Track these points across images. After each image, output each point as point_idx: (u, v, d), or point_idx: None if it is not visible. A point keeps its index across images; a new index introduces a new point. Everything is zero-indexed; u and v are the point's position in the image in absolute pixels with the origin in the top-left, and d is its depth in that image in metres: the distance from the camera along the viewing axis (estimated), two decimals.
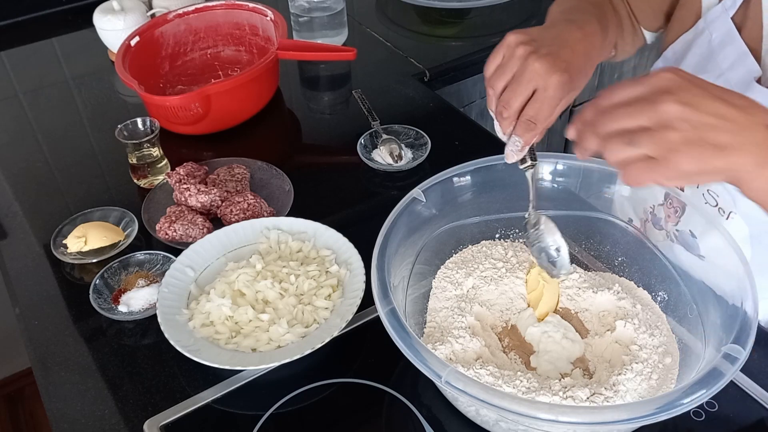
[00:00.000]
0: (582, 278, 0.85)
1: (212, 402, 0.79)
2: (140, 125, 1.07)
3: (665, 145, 0.53)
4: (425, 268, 0.85)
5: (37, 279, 0.96)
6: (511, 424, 0.68)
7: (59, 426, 0.78)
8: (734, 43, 0.78)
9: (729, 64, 0.78)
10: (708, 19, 0.81)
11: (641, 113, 0.54)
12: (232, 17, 1.34)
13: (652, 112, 0.54)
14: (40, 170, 1.16)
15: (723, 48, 0.79)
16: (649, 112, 0.54)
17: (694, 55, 0.83)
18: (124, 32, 1.31)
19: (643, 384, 0.70)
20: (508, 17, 1.55)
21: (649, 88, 0.55)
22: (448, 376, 0.62)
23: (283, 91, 1.33)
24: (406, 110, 1.26)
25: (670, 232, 0.83)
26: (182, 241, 0.96)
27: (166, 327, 0.80)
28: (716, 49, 0.80)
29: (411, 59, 1.40)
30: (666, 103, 0.53)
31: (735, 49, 0.78)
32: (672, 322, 0.79)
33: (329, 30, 1.41)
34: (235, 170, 1.07)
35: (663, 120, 0.53)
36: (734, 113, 0.53)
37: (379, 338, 0.72)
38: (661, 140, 0.53)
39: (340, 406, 0.79)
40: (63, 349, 0.86)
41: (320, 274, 0.88)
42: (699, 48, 0.82)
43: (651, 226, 0.86)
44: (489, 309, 0.82)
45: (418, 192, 0.81)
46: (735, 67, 0.78)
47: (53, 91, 1.36)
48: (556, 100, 0.70)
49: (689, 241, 0.80)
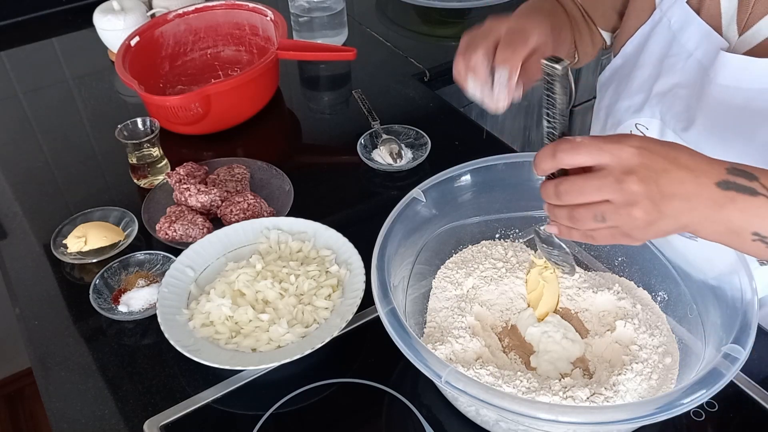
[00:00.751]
0: (582, 278, 0.85)
1: (212, 402, 0.79)
2: (140, 125, 1.07)
3: (631, 222, 0.58)
4: (425, 268, 0.85)
5: (37, 279, 0.96)
6: (511, 424, 0.69)
7: (59, 426, 0.78)
8: (694, 24, 0.81)
9: (694, 44, 0.82)
10: (663, 8, 0.84)
11: (607, 191, 0.58)
12: (232, 17, 1.34)
13: (618, 192, 0.57)
14: (40, 170, 1.16)
15: (684, 31, 0.82)
16: (615, 193, 0.57)
17: (656, 43, 0.86)
18: (124, 32, 1.31)
19: (643, 384, 0.70)
20: None
21: (614, 164, 0.57)
22: (448, 376, 0.62)
23: (283, 91, 1.33)
24: (406, 110, 1.26)
25: None
26: (182, 241, 0.96)
27: (166, 327, 0.80)
28: (677, 33, 0.83)
29: (411, 59, 1.40)
30: (631, 183, 0.57)
31: (697, 29, 0.81)
32: (672, 322, 0.79)
33: (329, 30, 1.41)
34: (235, 170, 1.07)
35: (628, 199, 0.57)
36: (687, 180, 0.58)
37: (379, 338, 0.72)
38: (628, 217, 0.58)
39: (340, 406, 0.79)
40: (63, 349, 0.86)
41: (320, 274, 0.88)
42: (659, 36, 0.86)
43: None
44: (489, 309, 0.82)
45: (418, 192, 0.81)
46: (701, 45, 0.81)
47: (53, 91, 1.36)
48: (527, 32, 0.73)
49: None
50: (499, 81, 0.72)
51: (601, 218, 0.59)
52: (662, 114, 0.87)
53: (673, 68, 0.85)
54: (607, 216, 0.58)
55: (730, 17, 0.79)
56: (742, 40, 0.78)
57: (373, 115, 1.18)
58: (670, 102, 0.86)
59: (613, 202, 0.58)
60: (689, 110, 0.83)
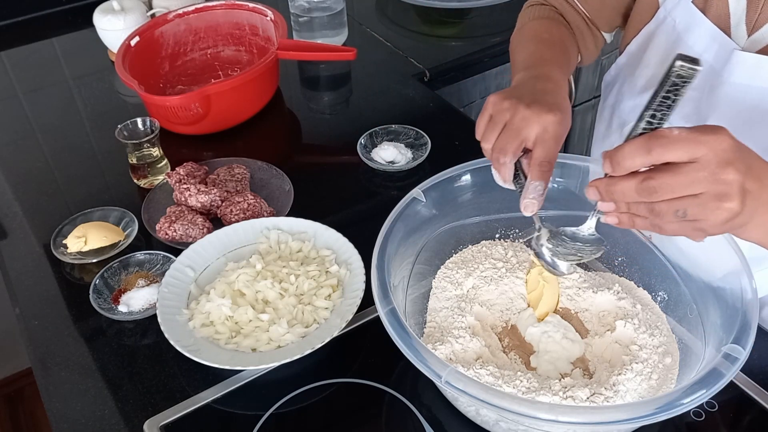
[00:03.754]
0: (582, 278, 0.85)
1: (212, 402, 0.79)
2: (140, 125, 1.07)
3: (715, 217, 0.57)
4: (425, 268, 0.85)
5: (37, 279, 0.96)
6: (511, 424, 0.69)
7: (59, 426, 0.78)
8: (702, 25, 0.80)
9: (702, 47, 0.81)
10: (668, 7, 0.84)
11: (701, 185, 0.56)
12: (232, 17, 1.34)
13: (713, 184, 0.55)
14: (40, 170, 1.16)
15: (690, 32, 0.82)
16: (709, 185, 0.55)
17: (660, 42, 0.86)
18: (124, 32, 1.31)
19: (643, 384, 0.70)
20: (508, 17, 1.55)
21: (711, 156, 0.55)
22: (448, 376, 0.62)
23: (283, 91, 1.33)
24: (406, 110, 1.26)
25: None
26: (182, 241, 0.96)
27: (166, 327, 0.80)
28: (682, 33, 0.82)
29: (411, 59, 1.40)
30: (729, 173, 0.55)
31: (704, 31, 0.80)
32: (672, 322, 0.79)
33: (329, 30, 1.41)
34: (235, 170, 1.07)
35: (722, 191, 0.56)
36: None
37: (379, 338, 0.72)
38: (716, 210, 0.56)
39: (340, 406, 0.79)
40: (63, 349, 0.86)
41: (320, 274, 0.88)
42: (664, 35, 0.85)
43: None
44: (489, 309, 0.82)
45: (418, 192, 0.81)
46: (709, 47, 0.80)
47: (53, 91, 1.36)
48: (559, 138, 0.72)
49: None
50: (533, 193, 0.71)
51: (683, 213, 0.57)
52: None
53: None
54: (690, 211, 0.56)
55: (739, 18, 0.78)
56: (752, 40, 0.78)
57: None
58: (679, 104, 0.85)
59: (704, 195, 0.56)
60: (699, 112, 0.83)
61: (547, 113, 0.71)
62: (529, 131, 0.70)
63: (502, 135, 0.72)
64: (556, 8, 0.97)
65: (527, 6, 1.00)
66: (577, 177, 0.86)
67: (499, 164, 0.72)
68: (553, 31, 0.92)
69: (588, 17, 0.96)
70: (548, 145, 0.71)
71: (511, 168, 0.72)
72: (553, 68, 0.82)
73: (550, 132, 0.71)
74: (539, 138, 0.71)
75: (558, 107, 0.72)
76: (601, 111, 1.02)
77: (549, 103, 0.72)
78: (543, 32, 0.92)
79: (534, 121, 0.70)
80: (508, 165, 0.72)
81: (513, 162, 0.72)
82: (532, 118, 0.70)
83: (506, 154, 0.71)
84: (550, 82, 0.78)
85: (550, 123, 0.71)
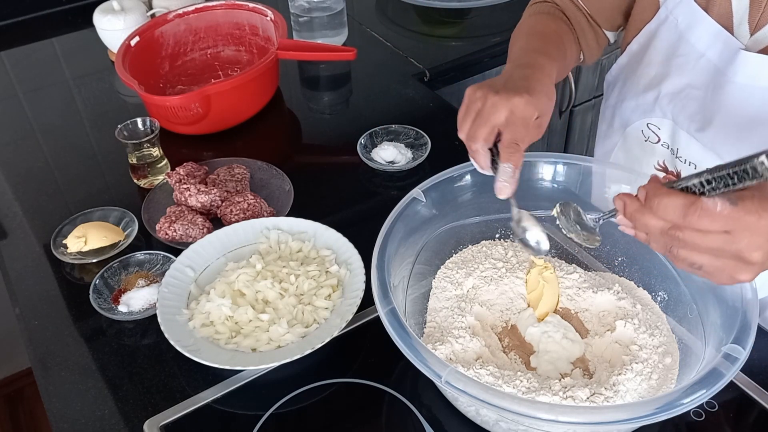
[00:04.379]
0: (582, 278, 0.85)
1: (212, 402, 0.79)
2: (140, 125, 1.07)
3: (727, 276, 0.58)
4: (425, 268, 0.85)
5: (37, 279, 0.96)
6: (511, 424, 0.69)
7: (59, 426, 0.78)
8: (704, 23, 0.80)
9: (705, 45, 0.81)
10: (669, 6, 0.84)
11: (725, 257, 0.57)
12: (232, 17, 1.34)
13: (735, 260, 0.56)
14: (40, 170, 1.16)
15: (692, 30, 0.82)
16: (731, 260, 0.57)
17: (662, 41, 0.86)
18: (124, 32, 1.31)
19: (643, 384, 0.70)
20: (508, 17, 1.55)
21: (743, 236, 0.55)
22: (448, 376, 0.62)
23: (283, 91, 1.33)
24: (406, 110, 1.26)
25: None
26: (182, 241, 0.96)
27: (166, 327, 0.80)
28: (685, 32, 0.82)
29: (411, 59, 1.40)
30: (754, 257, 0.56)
31: (706, 29, 0.80)
32: (672, 322, 0.79)
33: (329, 30, 1.41)
34: (235, 170, 1.07)
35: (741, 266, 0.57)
36: None
37: (379, 338, 0.72)
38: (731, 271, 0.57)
39: (340, 406, 0.79)
40: (63, 349, 0.86)
41: (320, 274, 0.88)
42: (666, 34, 0.85)
43: None
44: (489, 309, 0.82)
45: (418, 192, 0.81)
46: (712, 45, 0.80)
47: (53, 91, 1.36)
48: (527, 120, 0.73)
49: None
50: (503, 175, 0.72)
51: (698, 267, 0.58)
52: (674, 115, 0.87)
53: (682, 68, 0.84)
54: (706, 268, 0.58)
55: (741, 16, 0.78)
56: (755, 39, 0.78)
57: None
58: (683, 103, 0.85)
59: (724, 261, 0.57)
60: (704, 111, 0.83)
61: (514, 96, 0.72)
62: (498, 116, 0.72)
63: (473, 122, 0.73)
64: (557, 5, 0.97)
65: (530, 4, 1.00)
66: (576, 177, 0.86)
67: (473, 152, 0.74)
68: (548, 24, 0.93)
69: (589, 14, 0.96)
70: (515, 127, 0.72)
71: (484, 154, 0.74)
72: (539, 56, 0.82)
73: (517, 114, 0.72)
74: (507, 121, 0.72)
75: (526, 89, 0.73)
76: (603, 111, 1.02)
77: (518, 86, 0.74)
78: (537, 26, 0.92)
79: (502, 105, 0.72)
80: (480, 152, 0.74)
81: (485, 148, 0.73)
82: (500, 103, 0.72)
83: (476, 141, 0.73)
84: (528, 69, 0.79)
85: (517, 105, 0.72)
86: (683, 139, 0.86)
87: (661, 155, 0.91)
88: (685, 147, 0.86)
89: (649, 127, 0.90)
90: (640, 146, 0.94)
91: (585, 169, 0.85)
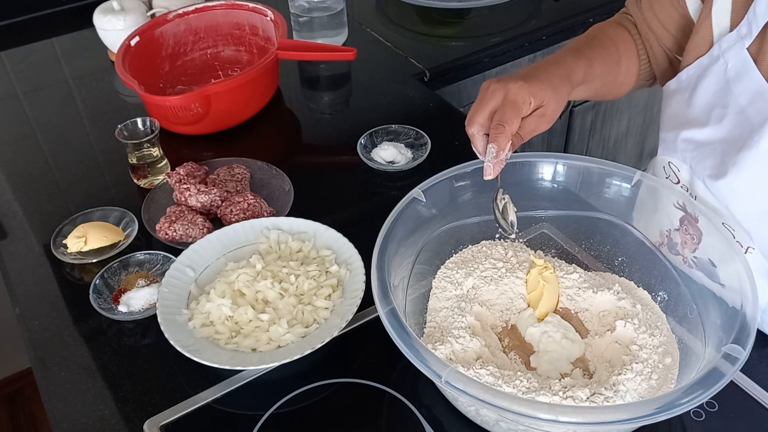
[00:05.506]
0: (582, 278, 0.84)
1: (212, 402, 0.79)
2: (140, 125, 1.07)
3: None
4: (425, 268, 0.85)
5: (37, 279, 0.96)
6: (511, 424, 0.69)
7: (59, 426, 0.78)
8: (751, 76, 0.76)
9: (747, 101, 0.76)
10: (722, 47, 0.78)
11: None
12: (232, 17, 1.34)
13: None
14: (40, 170, 1.16)
15: (739, 81, 0.77)
16: None
17: (710, 83, 0.81)
18: (124, 32, 1.31)
19: (643, 384, 0.70)
20: (508, 17, 1.55)
21: None
22: (448, 376, 0.62)
23: (283, 91, 1.33)
24: (406, 110, 1.26)
25: (688, 259, 0.81)
26: (182, 241, 0.96)
27: (166, 327, 0.80)
28: (732, 81, 0.78)
29: (411, 59, 1.40)
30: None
31: (753, 84, 0.76)
32: (672, 322, 0.79)
33: (329, 30, 1.41)
34: (235, 170, 1.07)
35: None
36: None
37: (379, 338, 0.72)
38: None
39: (340, 406, 0.79)
40: (63, 349, 0.86)
41: (320, 274, 0.88)
42: (714, 77, 0.80)
43: (667, 249, 0.84)
44: (489, 309, 0.82)
45: (418, 192, 0.81)
46: (754, 102, 0.76)
47: (53, 91, 1.36)
48: (518, 103, 0.74)
49: (709, 270, 0.77)
50: (488, 155, 0.75)
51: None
52: (692, 163, 0.83)
53: (721, 121, 0.79)
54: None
55: None
56: None
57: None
58: (705, 154, 0.81)
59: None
60: (723, 164, 0.79)
61: (510, 81, 0.75)
62: (493, 101, 0.75)
63: (473, 108, 0.76)
64: (632, 19, 0.94)
65: (616, 15, 0.98)
66: (577, 177, 0.86)
67: (470, 136, 0.77)
68: (606, 29, 0.92)
69: (656, 35, 0.91)
70: (504, 109, 0.74)
71: (480, 139, 0.77)
72: (569, 54, 0.83)
73: (509, 97, 0.74)
74: (499, 104, 0.75)
75: (525, 77, 0.76)
76: None
77: (518, 74, 0.77)
78: (594, 30, 0.93)
79: (498, 91, 0.75)
80: (476, 136, 0.76)
81: (480, 133, 0.76)
82: (498, 89, 0.75)
83: (472, 125, 0.76)
84: (550, 63, 0.81)
85: (511, 89, 0.75)
86: (699, 186, 0.83)
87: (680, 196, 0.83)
88: (703, 194, 0.83)
89: (671, 166, 0.87)
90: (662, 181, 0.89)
91: (585, 169, 0.85)
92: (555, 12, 1.56)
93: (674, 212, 0.81)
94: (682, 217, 0.81)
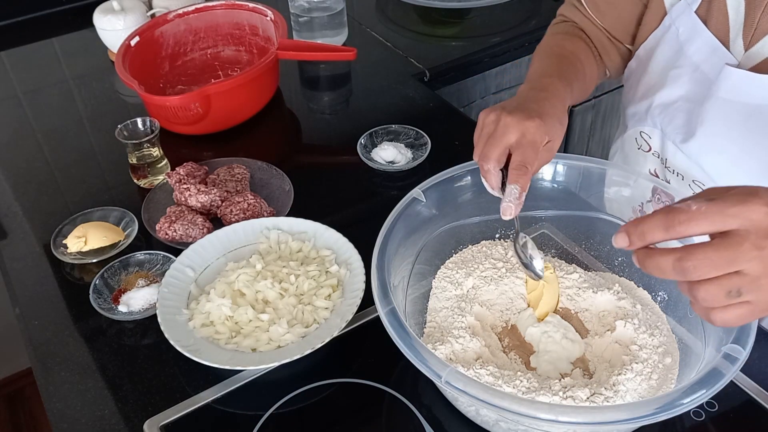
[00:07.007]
0: (582, 278, 0.85)
1: (212, 402, 0.79)
2: (140, 125, 1.07)
3: None
4: (425, 268, 0.85)
5: (37, 279, 0.96)
6: (511, 424, 0.69)
7: (59, 426, 0.78)
8: (701, 35, 0.82)
9: (701, 59, 0.82)
10: (673, 15, 0.85)
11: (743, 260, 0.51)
12: (232, 17, 1.34)
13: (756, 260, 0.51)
14: (40, 170, 1.16)
15: (691, 42, 0.83)
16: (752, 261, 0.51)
17: (663, 50, 0.87)
18: (124, 32, 1.31)
19: (643, 384, 0.70)
20: (508, 17, 1.55)
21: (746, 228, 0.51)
22: (448, 376, 0.62)
23: (283, 91, 1.33)
24: (406, 110, 1.26)
25: None
26: (182, 241, 0.96)
27: (166, 327, 0.80)
28: (684, 43, 0.84)
29: (411, 59, 1.40)
30: None
31: (704, 42, 0.82)
32: (672, 322, 0.79)
33: (329, 30, 1.41)
34: (235, 170, 1.07)
35: None
36: None
37: (379, 338, 0.72)
38: None
39: (340, 406, 0.79)
40: (63, 349, 0.86)
41: (320, 274, 0.88)
42: (667, 43, 0.86)
43: None
44: (489, 309, 0.82)
45: (418, 192, 0.81)
46: (707, 59, 0.81)
47: (53, 91, 1.36)
48: (537, 144, 0.73)
49: None
50: (509, 196, 0.73)
51: (736, 293, 0.52)
52: (663, 126, 0.88)
53: (678, 80, 0.85)
54: (744, 289, 0.52)
55: (737, 31, 0.79)
56: (748, 55, 0.78)
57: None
58: (672, 114, 0.86)
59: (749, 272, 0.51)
60: (689, 123, 0.84)
61: (526, 119, 0.73)
62: (509, 137, 0.73)
63: (486, 143, 0.74)
64: (576, 23, 0.97)
65: (552, 23, 1.02)
66: (577, 177, 0.86)
67: (484, 171, 0.74)
68: (565, 45, 0.94)
69: (608, 32, 0.96)
70: (525, 150, 0.73)
71: (495, 175, 0.74)
72: (554, 80, 0.83)
73: (528, 137, 0.73)
74: (517, 143, 0.73)
75: (538, 114, 0.74)
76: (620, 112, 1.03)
77: (530, 109, 0.75)
78: (554, 47, 0.93)
79: (513, 127, 0.73)
80: (492, 172, 0.74)
81: (497, 169, 0.74)
82: (512, 125, 0.73)
83: (488, 161, 0.73)
84: (543, 92, 0.80)
85: (529, 129, 0.73)
86: (670, 149, 0.87)
87: (653, 164, 0.92)
88: (672, 157, 0.88)
89: (642, 136, 0.91)
90: (635, 153, 0.95)
91: (585, 169, 0.85)
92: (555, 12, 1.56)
93: (645, 185, 0.84)
94: (654, 186, 0.84)
